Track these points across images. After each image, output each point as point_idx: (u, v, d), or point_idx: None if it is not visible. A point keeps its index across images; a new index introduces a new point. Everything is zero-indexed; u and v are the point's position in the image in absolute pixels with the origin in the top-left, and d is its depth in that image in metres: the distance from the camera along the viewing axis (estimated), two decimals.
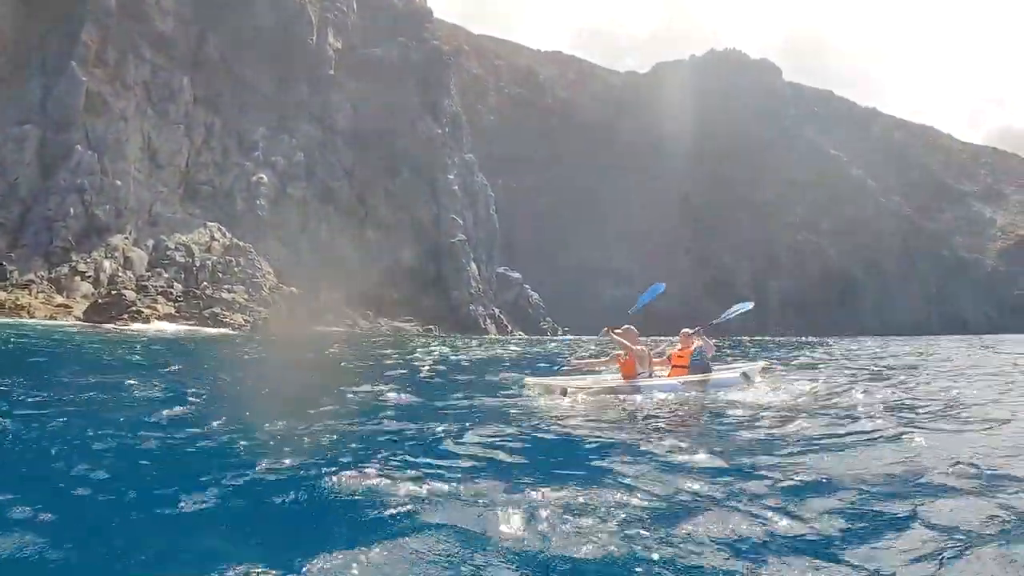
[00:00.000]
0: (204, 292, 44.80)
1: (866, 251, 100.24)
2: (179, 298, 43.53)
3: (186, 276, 46.93)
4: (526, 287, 73.86)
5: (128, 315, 38.23)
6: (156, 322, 37.92)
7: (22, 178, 45.92)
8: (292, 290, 49.77)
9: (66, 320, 37.56)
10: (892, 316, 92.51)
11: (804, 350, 26.59)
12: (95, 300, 41.03)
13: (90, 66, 50.04)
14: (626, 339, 9.74)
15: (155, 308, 40.78)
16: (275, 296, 48.35)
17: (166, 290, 43.94)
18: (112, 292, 41.49)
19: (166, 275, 45.92)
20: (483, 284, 66.97)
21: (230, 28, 59.76)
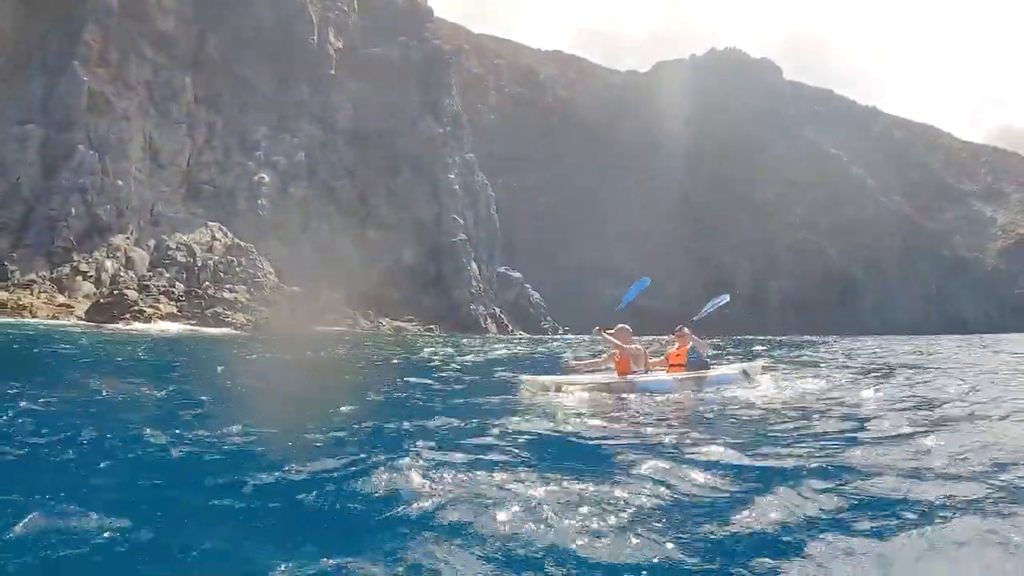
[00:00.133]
0: (206, 292, 44.89)
1: (866, 251, 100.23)
2: (181, 298, 43.62)
3: (188, 276, 47.02)
4: (527, 287, 73.90)
5: (130, 315, 38.32)
6: (158, 322, 38.01)
7: (24, 178, 46.01)
8: (294, 289, 49.86)
9: (68, 320, 37.66)
10: (892, 316, 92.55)
11: (806, 349, 26.66)
12: (97, 300, 41.12)
13: (92, 66, 50.13)
14: (619, 338, 9.77)
15: (157, 308, 40.87)
16: (276, 296, 48.45)
17: (168, 290, 44.03)
18: (114, 292, 41.58)
19: (168, 275, 46.00)
20: (484, 284, 67.02)
21: (231, 27, 59.83)
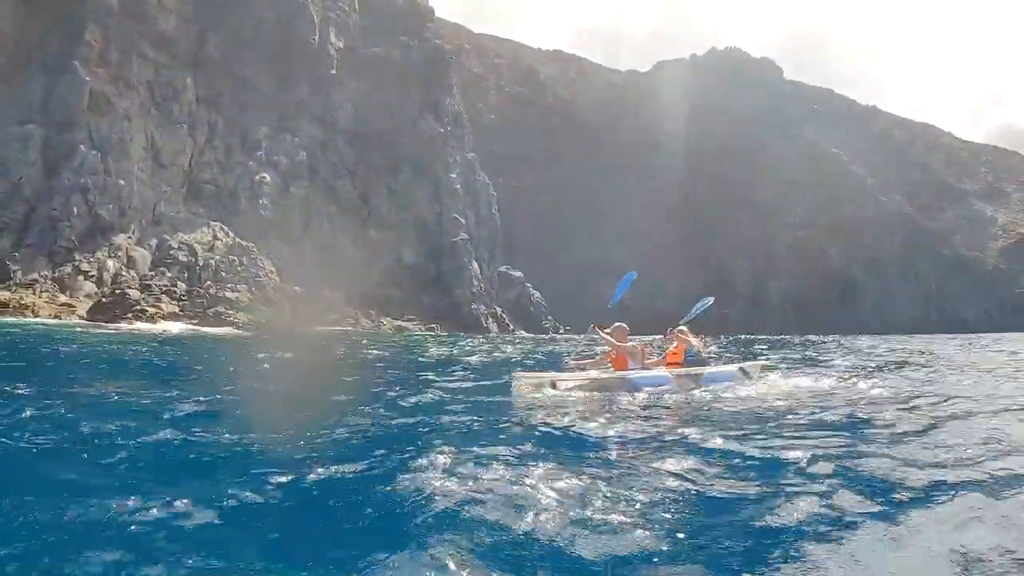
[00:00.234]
0: (207, 291, 44.94)
1: (866, 250, 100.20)
2: (183, 297, 43.69)
3: (189, 275, 47.07)
4: (527, 286, 73.95)
5: (132, 314, 38.38)
6: (162, 321, 38.06)
7: (26, 178, 46.04)
8: (295, 289, 49.91)
9: (70, 319, 37.71)
10: (892, 315, 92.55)
11: (809, 348, 26.73)
12: (99, 299, 41.18)
13: (93, 66, 50.13)
14: (615, 336, 9.89)
15: (159, 307, 40.92)
16: (278, 295, 48.50)
17: (170, 289, 44.09)
18: (116, 291, 41.63)
19: (169, 274, 46.06)
20: (485, 283, 67.07)
21: (232, 27, 59.81)
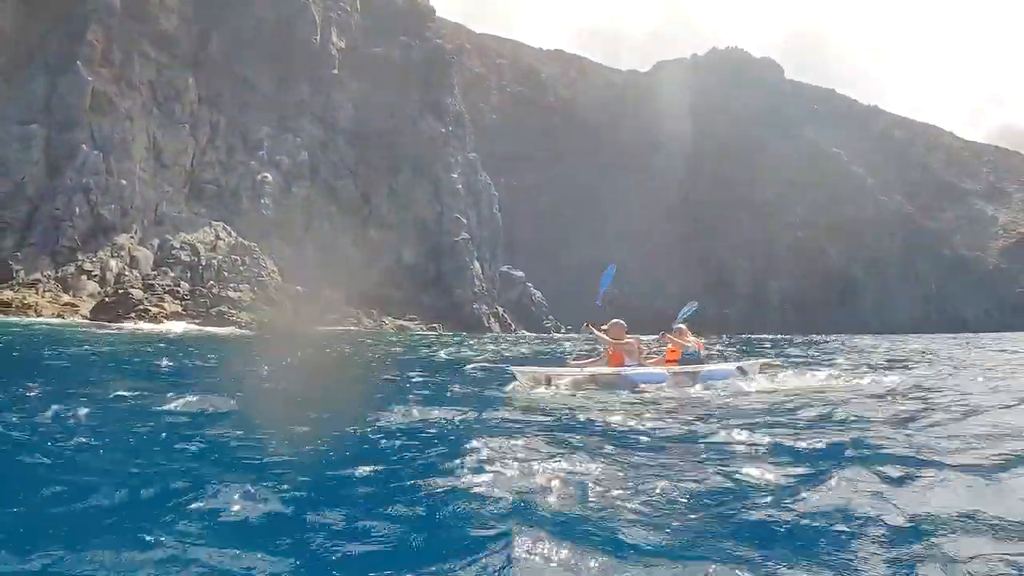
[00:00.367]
0: (210, 291, 45.05)
1: (866, 250, 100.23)
2: (185, 297, 43.80)
3: (192, 275, 47.17)
4: (529, 285, 74.02)
5: (135, 314, 38.49)
6: (165, 321, 38.16)
7: (29, 177, 46.15)
8: (297, 289, 50.01)
9: (73, 318, 37.81)
10: (892, 315, 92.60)
11: (811, 348, 26.84)
12: (102, 299, 41.31)
13: (95, 66, 50.19)
14: (613, 333, 10.00)
15: (162, 307, 41.04)
16: (280, 295, 48.60)
17: (172, 289, 44.20)
18: (119, 291, 41.75)
19: (172, 274, 46.17)
20: (486, 283, 67.16)
21: (233, 27, 59.86)
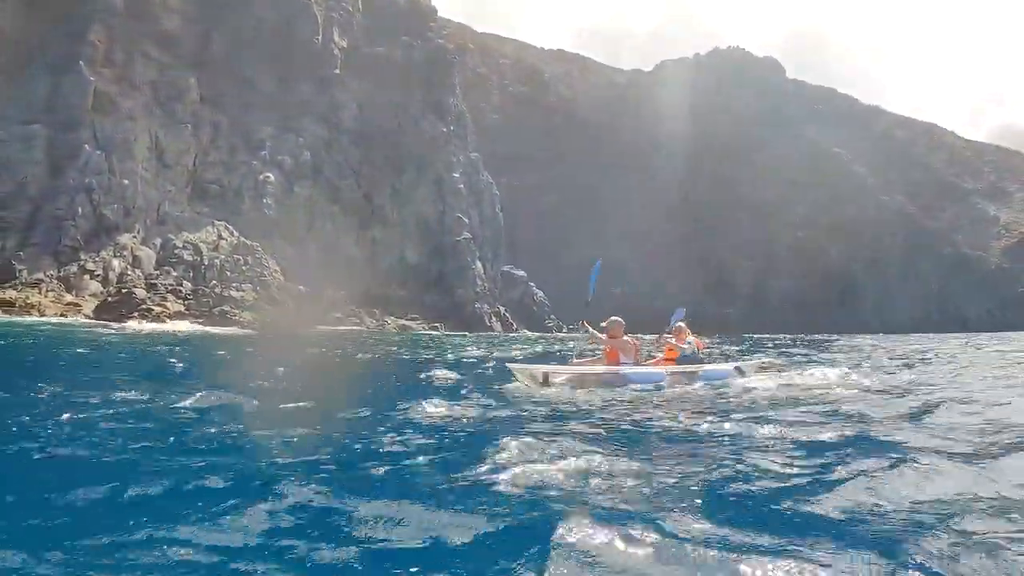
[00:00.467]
0: (213, 290, 45.07)
1: (867, 250, 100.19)
2: (188, 296, 43.82)
3: (194, 275, 47.19)
4: (531, 285, 74.04)
5: (139, 313, 38.53)
6: (168, 321, 38.19)
7: (31, 177, 46.16)
8: (300, 288, 50.03)
9: (76, 318, 37.82)
10: (892, 315, 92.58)
11: (815, 347, 26.84)
12: (105, 299, 41.35)
13: (97, 66, 50.22)
14: (611, 330, 10.13)
15: (165, 306, 41.07)
16: (283, 295, 48.63)
17: (175, 288, 44.23)
18: (122, 291, 41.79)
19: (174, 273, 46.18)
20: (488, 282, 67.18)
21: (235, 27, 59.86)
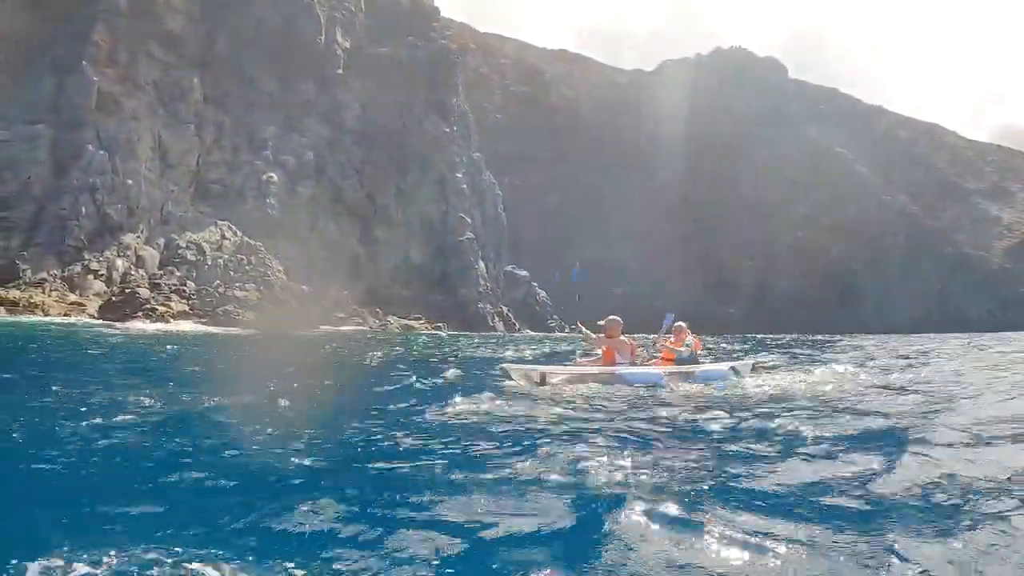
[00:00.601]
0: (216, 290, 45.08)
1: (868, 250, 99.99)
2: (192, 296, 43.84)
3: (197, 274, 47.20)
4: (534, 285, 74.08)
5: (143, 313, 38.55)
6: (173, 320, 38.20)
7: (35, 177, 46.18)
8: (303, 288, 50.05)
9: (80, 318, 37.84)
10: (893, 315, 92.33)
11: (815, 349, 26.80)
12: (109, 298, 41.36)
13: (101, 66, 50.23)
14: (609, 330, 10.15)
15: (168, 306, 41.08)
16: (286, 294, 48.64)
17: (179, 288, 44.25)
18: (125, 290, 41.81)
19: (178, 273, 46.21)
20: (491, 282, 67.20)
21: (238, 27, 59.89)
